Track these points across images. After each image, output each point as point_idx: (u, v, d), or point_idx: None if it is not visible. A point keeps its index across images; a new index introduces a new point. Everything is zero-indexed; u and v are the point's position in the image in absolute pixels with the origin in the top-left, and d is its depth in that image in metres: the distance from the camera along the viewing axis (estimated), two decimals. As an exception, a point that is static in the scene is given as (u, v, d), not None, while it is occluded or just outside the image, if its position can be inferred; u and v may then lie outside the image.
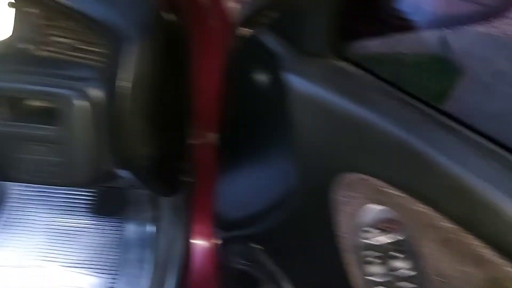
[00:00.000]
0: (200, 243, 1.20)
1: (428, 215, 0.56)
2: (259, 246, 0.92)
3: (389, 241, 0.61)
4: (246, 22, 0.80)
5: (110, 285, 1.24)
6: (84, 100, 0.85)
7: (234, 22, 0.86)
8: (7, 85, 0.87)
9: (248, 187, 0.98)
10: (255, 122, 0.91)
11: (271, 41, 0.76)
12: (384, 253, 0.62)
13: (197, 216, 1.20)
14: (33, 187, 1.38)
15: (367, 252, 0.63)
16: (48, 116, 0.88)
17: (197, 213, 1.20)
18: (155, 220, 1.33)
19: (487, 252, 0.51)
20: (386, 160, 0.60)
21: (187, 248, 1.19)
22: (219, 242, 1.06)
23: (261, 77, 0.81)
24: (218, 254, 1.09)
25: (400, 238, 0.61)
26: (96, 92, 0.85)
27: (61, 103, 0.86)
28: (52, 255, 1.27)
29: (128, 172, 0.90)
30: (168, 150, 1.01)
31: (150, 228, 1.33)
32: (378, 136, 0.60)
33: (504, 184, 0.50)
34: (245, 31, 0.80)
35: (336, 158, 0.65)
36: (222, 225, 1.04)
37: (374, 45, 0.74)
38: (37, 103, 0.90)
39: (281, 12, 0.74)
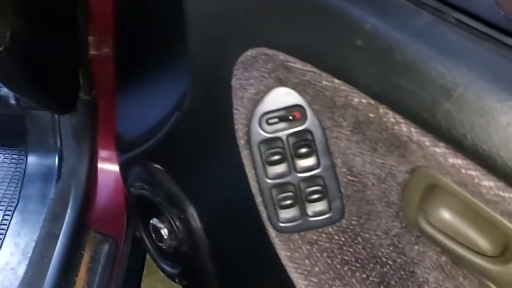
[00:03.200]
0: (106, 171, 1.07)
1: (339, 91, 0.43)
2: (157, 165, 0.80)
3: (292, 131, 0.49)
4: None
5: (3, 223, 1.08)
6: None
7: None
8: None
9: (147, 100, 0.84)
10: (152, 19, 0.76)
11: None
12: (287, 149, 0.51)
13: (101, 140, 1.06)
14: None
15: (268, 148, 0.51)
16: None
17: (101, 137, 1.06)
18: (58, 151, 1.17)
19: (409, 131, 0.40)
20: (293, 24, 0.46)
21: (90, 177, 1.05)
22: (120, 166, 0.92)
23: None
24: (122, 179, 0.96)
25: (305, 128, 0.49)
26: None
27: None
28: None
29: None
30: (51, 53, 0.84)
31: (53, 160, 1.18)
32: None
33: (431, 39, 0.39)
34: None
35: (235, 30, 0.50)
36: (121, 147, 0.90)
37: None
38: None
39: None
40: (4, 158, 1.22)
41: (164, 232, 0.82)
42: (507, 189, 0.34)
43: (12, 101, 1.14)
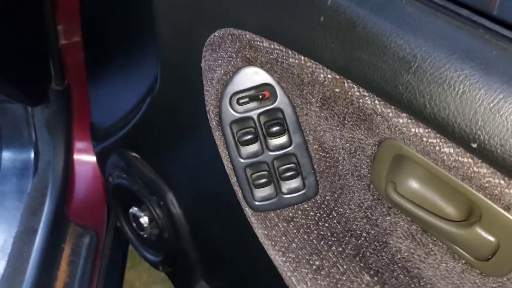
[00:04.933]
0: (83, 161, 1.06)
1: (305, 68, 0.43)
2: (134, 153, 0.79)
3: (262, 110, 0.49)
4: None
5: (-19, 222, 1.07)
6: None
7: None
8: None
9: (119, 87, 0.83)
10: (119, 5, 0.75)
11: None
12: (259, 128, 0.51)
13: (77, 130, 1.04)
14: None
15: (240, 129, 0.51)
16: None
17: (77, 128, 1.04)
18: (33, 144, 1.16)
19: (373, 103, 0.40)
20: (258, 4, 0.45)
21: (67, 169, 1.04)
22: (97, 156, 0.92)
23: None
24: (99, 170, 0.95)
25: (275, 106, 0.49)
26: None
27: None
28: None
29: None
30: (18, 45, 0.82)
31: (28, 154, 1.16)
32: None
33: (390, 13, 0.39)
34: None
35: (201, 12, 0.50)
36: (96, 136, 0.89)
37: None
38: None
39: None
40: (-25, 155, 1.21)
41: (145, 220, 0.82)
42: (466, 155, 0.35)
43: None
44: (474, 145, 0.34)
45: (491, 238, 0.37)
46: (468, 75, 0.35)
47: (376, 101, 0.39)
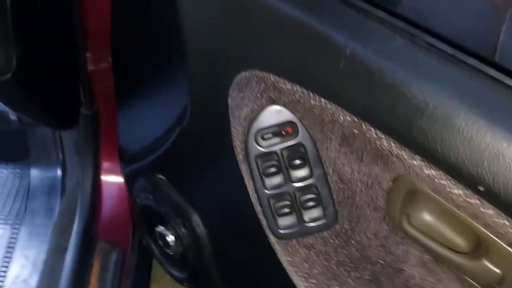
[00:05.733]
0: (110, 182, 1.11)
1: (325, 109, 0.48)
2: (161, 176, 0.84)
3: (286, 145, 0.53)
4: None
5: (13, 237, 1.12)
6: None
7: None
8: None
9: (148, 113, 0.88)
10: (148, 34, 0.80)
11: None
12: (282, 161, 0.55)
13: (104, 152, 1.10)
14: None
15: (264, 162, 0.55)
16: None
17: (104, 150, 1.09)
18: (60, 163, 1.21)
19: (389, 145, 0.44)
20: (281, 49, 0.50)
21: (95, 188, 1.09)
22: (125, 178, 0.96)
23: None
24: (126, 191, 1.00)
25: (297, 142, 0.53)
26: None
27: None
28: None
29: None
30: (52, 73, 0.88)
31: (56, 172, 1.21)
32: (273, 19, 0.50)
33: (405, 62, 0.43)
34: None
35: (229, 54, 0.55)
36: (124, 159, 0.94)
37: None
38: None
39: None
40: (9, 173, 1.26)
41: (170, 239, 0.86)
42: (473, 196, 0.38)
43: (13, 117, 1.18)
44: (481, 188, 0.37)
45: (497, 270, 0.41)
46: (475, 122, 0.38)
47: (392, 143, 0.43)
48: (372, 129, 0.44)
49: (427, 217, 0.46)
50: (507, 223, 0.37)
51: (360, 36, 0.45)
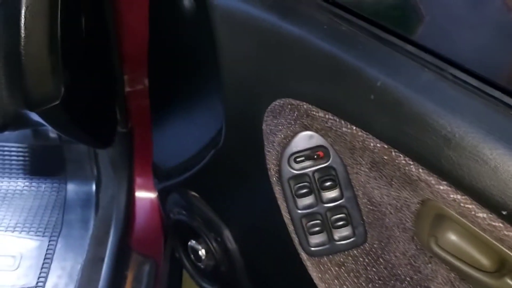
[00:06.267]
0: (143, 196, 1.15)
1: (357, 137, 0.51)
2: (194, 193, 0.88)
3: (317, 168, 0.57)
4: None
5: (50, 248, 1.18)
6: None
7: None
8: None
9: (182, 133, 0.92)
10: (184, 59, 0.85)
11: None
12: (313, 183, 0.58)
13: (137, 168, 1.15)
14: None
15: (297, 183, 0.58)
16: None
17: (137, 165, 1.14)
18: (95, 178, 1.27)
19: (417, 171, 0.47)
20: (314, 80, 0.54)
21: (130, 203, 1.14)
22: (159, 193, 1.01)
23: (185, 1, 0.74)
24: (159, 206, 1.04)
25: (328, 165, 0.56)
26: None
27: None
28: (-15, 220, 1.20)
29: (40, 117, 0.82)
30: (92, 95, 0.93)
31: (91, 186, 1.27)
32: (306, 53, 0.53)
33: (433, 95, 0.46)
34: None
35: (264, 83, 0.59)
36: (158, 175, 0.98)
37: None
38: None
39: None
40: (46, 187, 1.33)
41: (202, 253, 0.90)
42: (497, 220, 0.41)
43: (52, 135, 1.24)
44: (504, 212, 0.40)
45: (521, 291, 0.43)
46: (501, 153, 0.41)
47: (420, 170, 0.46)
48: (401, 155, 0.48)
49: (453, 238, 0.49)
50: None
51: (390, 69, 0.49)
